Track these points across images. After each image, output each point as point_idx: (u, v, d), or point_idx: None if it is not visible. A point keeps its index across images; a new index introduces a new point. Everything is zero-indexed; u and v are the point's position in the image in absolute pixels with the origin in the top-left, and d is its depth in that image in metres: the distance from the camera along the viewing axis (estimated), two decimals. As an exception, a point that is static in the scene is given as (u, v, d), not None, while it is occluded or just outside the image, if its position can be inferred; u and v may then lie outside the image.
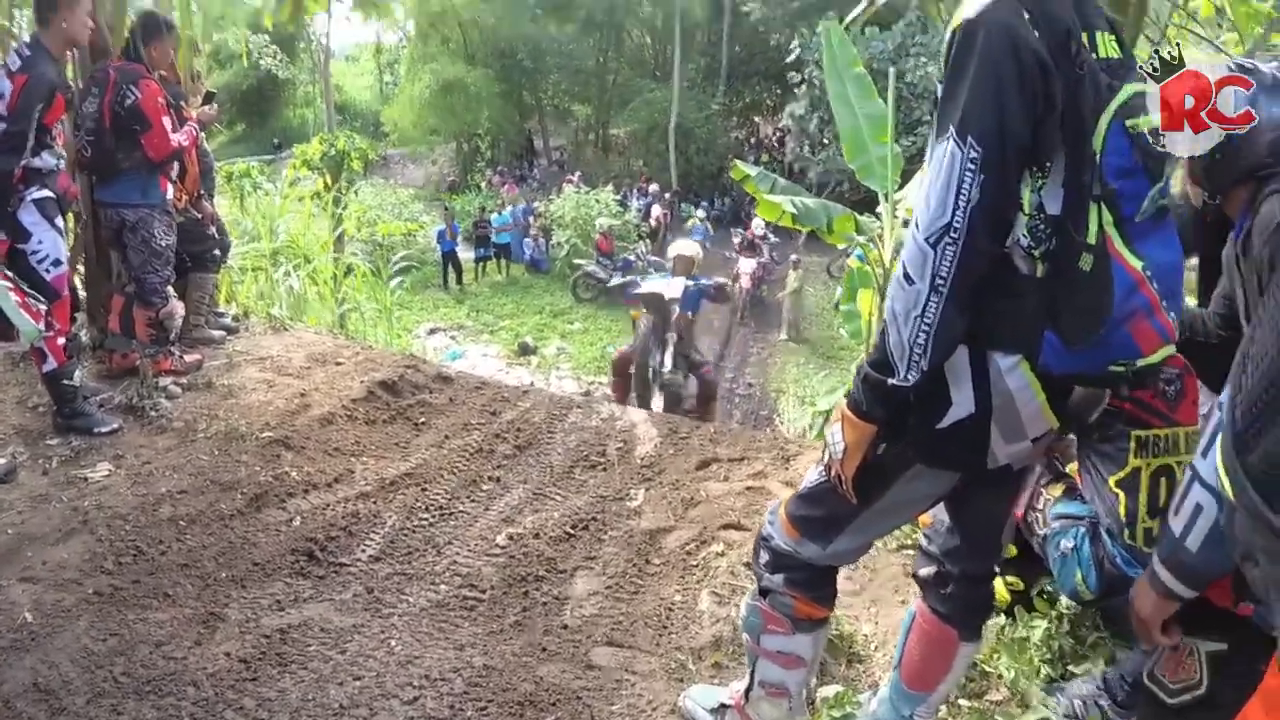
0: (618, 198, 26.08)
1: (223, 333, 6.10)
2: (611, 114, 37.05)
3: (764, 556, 2.23)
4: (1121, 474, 2.33)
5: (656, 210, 27.52)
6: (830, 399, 9.06)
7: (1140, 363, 1.77)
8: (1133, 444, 2.30)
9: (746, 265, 20.89)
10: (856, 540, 2.11)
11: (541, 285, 24.04)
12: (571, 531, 3.92)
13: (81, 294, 5.44)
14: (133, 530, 3.68)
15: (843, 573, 2.43)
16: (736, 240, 22.53)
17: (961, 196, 1.63)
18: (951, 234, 1.63)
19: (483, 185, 32.81)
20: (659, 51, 39.27)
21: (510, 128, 36.11)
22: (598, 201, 24.46)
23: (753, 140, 37.14)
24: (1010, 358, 1.75)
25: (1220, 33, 5.93)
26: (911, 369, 1.72)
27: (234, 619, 3.17)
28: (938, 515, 2.24)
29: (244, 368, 5.53)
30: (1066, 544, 2.41)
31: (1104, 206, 1.71)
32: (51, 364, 4.46)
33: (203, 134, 5.76)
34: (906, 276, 1.70)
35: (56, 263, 4.42)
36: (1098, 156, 1.70)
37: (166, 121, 4.96)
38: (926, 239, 1.66)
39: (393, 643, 3.11)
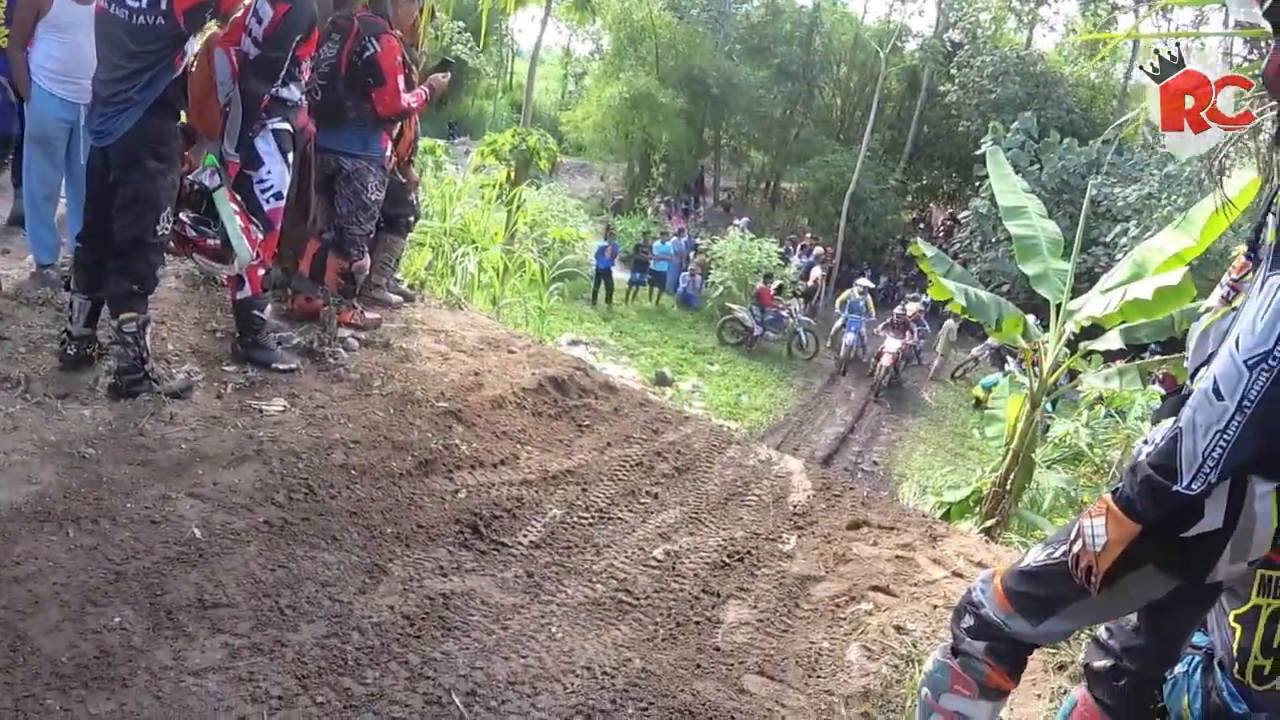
0: (780, 250, 25.95)
1: (399, 298, 6.09)
2: (787, 167, 37.03)
3: (968, 621, 2.28)
4: (1243, 609, 2.27)
5: (816, 272, 27.27)
6: (955, 494, 8.71)
7: None
8: (1256, 582, 2.22)
9: (892, 344, 20.38)
10: (1066, 625, 2.19)
11: (689, 321, 24.07)
12: (726, 560, 3.91)
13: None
14: (305, 469, 3.67)
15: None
16: (888, 319, 22.03)
17: None
18: (1269, 362, 1.70)
19: (648, 211, 32.98)
20: (846, 115, 39.14)
21: (686, 159, 36.13)
22: (760, 250, 24.31)
23: (922, 224, 36.57)
24: (1268, 484, 1.81)
25: None
26: (1197, 479, 1.77)
27: (397, 575, 3.14)
28: None
29: (420, 336, 5.53)
30: (1180, 669, 2.42)
31: None
32: (246, 292, 4.47)
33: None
34: (1216, 391, 1.76)
35: (278, 195, 4.46)
36: None
37: (400, 80, 4.97)
38: (1245, 361, 1.73)
39: (553, 629, 3.08)
